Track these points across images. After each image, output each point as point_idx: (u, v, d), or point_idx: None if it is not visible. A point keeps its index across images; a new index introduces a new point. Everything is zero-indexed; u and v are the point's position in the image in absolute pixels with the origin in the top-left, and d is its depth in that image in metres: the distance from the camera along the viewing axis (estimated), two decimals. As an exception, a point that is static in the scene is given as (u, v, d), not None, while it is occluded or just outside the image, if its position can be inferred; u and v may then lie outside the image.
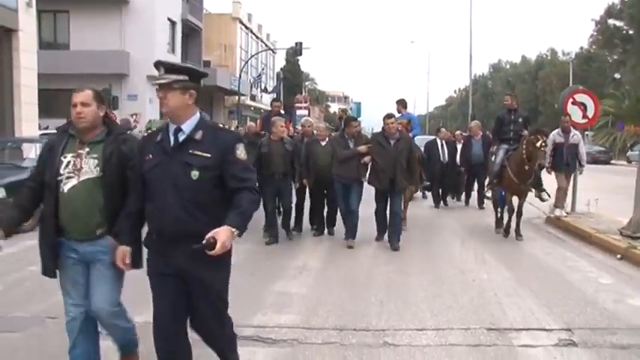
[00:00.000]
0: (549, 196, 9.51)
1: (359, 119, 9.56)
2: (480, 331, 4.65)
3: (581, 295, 5.75)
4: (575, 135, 10.43)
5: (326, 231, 9.03)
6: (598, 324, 4.84)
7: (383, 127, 8.18)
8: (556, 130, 10.59)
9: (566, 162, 10.30)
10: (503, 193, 9.48)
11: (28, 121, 17.21)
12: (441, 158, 12.91)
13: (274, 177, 8.17)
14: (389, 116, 8.16)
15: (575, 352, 4.24)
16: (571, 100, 10.47)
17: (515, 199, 8.87)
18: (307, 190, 8.94)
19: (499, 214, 9.49)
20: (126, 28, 26.84)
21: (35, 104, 17.82)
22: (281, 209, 9.03)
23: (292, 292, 5.76)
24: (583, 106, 10.45)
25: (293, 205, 8.81)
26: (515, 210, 8.77)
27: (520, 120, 9.41)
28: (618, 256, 7.40)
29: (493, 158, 9.58)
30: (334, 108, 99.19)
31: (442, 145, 13.16)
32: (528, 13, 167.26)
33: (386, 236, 8.27)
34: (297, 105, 25.82)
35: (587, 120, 10.62)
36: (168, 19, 29.21)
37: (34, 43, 18.09)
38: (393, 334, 4.53)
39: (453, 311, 5.17)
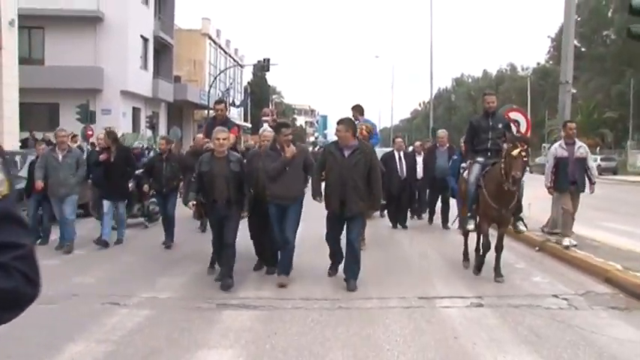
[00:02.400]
0: (526, 227, 7.70)
1: (322, 132, 9.28)
2: (412, 299, 6.06)
3: (504, 282, 7.21)
4: (582, 147, 8.73)
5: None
6: (503, 293, 6.31)
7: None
8: (557, 143, 9.04)
9: (572, 180, 8.56)
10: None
11: (10, 134, 18.10)
12: (399, 172, 11.50)
13: (217, 204, 6.60)
14: (339, 122, 6.60)
15: (480, 310, 5.68)
16: (506, 117, 12.00)
17: (485, 230, 7.21)
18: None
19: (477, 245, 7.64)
20: (100, 45, 27.69)
21: (17, 118, 18.77)
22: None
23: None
24: (517, 123, 11.97)
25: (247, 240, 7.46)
26: (494, 243, 7.00)
27: (500, 126, 7.44)
28: (536, 248, 8.92)
29: (465, 174, 7.69)
30: (301, 121, 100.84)
31: (400, 157, 11.71)
32: (490, 29, 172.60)
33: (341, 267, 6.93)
34: (263, 118, 26.94)
35: (520, 134, 12.15)
36: (141, 36, 30.20)
37: (16, 59, 19.04)
38: (346, 301, 5.89)
39: (394, 287, 6.56)
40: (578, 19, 58.61)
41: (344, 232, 6.72)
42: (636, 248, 8.37)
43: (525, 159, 6.60)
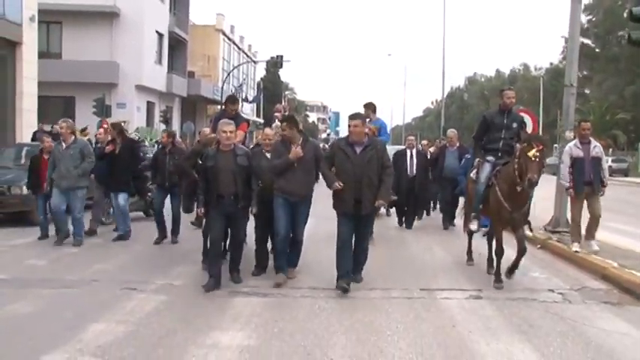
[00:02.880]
0: (531, 231, 7.81)
1: (335, 129, 8.48)
2: (414, 290, 6.36)
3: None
4: (597, 146, 8.45)
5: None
6: (501, 288, 6.58)
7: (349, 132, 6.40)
8: (572, 142, 8.72)
9: (588, 180, 8.28)
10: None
11: (29, 127, 18.57)
12: (408, 171, 11.31)
13: (223, 200, 6.32)
14: (353, 117, 6.39)
15: (478, 302, 5.98)
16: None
17: (499, 235, 6.86)
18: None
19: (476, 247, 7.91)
20: (116, 40, 28.20)
21: (35, 111, 19.27)
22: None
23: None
24: (524, 124, 12.21)
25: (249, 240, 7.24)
26: (517, 247, 6.63)
27: (514, 125, 7.10)
28: (538, 245, 9.18)
29: (473, 174, 7.44)
30: (313, 117, 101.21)
31: (411, 155, 11.49)
32: (503, 28, 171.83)
33: None
34: (275, 115, 27.19)
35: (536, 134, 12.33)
36: (156, 32, 30.69)
37: (35, 54, 19.51)
38: (351, 291, 6.20)
39: (398, 279, 6.86)
40: (593, 19, 58.61)
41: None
42: (636, 248, 8.60)
43: (536, 159, 6.15)
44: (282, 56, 38.36)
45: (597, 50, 58.48)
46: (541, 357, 4.46)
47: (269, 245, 7.27)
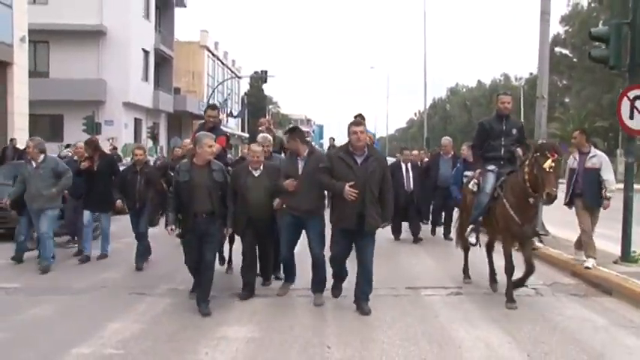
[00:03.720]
0: (542, 243, 7.95)
1: (318, 141, 7.92)
2: (401, 289, 6.93)
3: (479, 271, 8.09)
4: (595, 157, 7.79)
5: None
6: (481, 285, 7.18)
7: (349, 140, 5.85)
8: (575, 153, 8.14)
9: (577, 192, 7.83)
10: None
11: (21, 146, 18.94)
12: (405, 186, 10.78)
13: (198, 218, 5.87)
14: (356, 123, 5.88)
15: (459, 297, 6.59)
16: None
17: (509, 251, 6.41)
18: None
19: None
20: (103, 58, 28.63)
21: (27, 130, 19.62)
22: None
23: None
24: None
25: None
26: (525, 266, 6.31)
27: (514, 132, 6.77)
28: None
29: (472, 185, 6.96)
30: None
31: (407, 169, 10.94)
32: (485, 40, 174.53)
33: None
34: (259, 129, 27.40)
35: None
36: (142, 49, 31.18)
37: (26, 74, 19.93)
38: (343, 291, 6.73)
39: (386, 280, 7.42)
40: (569, 30, 60.20)
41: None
42: (604, 247, 9.23)
43: (552, 170, 5.68)
44: (266, 71, 39.29)
45: (575, 60, 59.89)
46: (512, 340, 5.07)
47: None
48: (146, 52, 31.92)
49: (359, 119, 6.18)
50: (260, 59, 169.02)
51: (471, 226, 6.76)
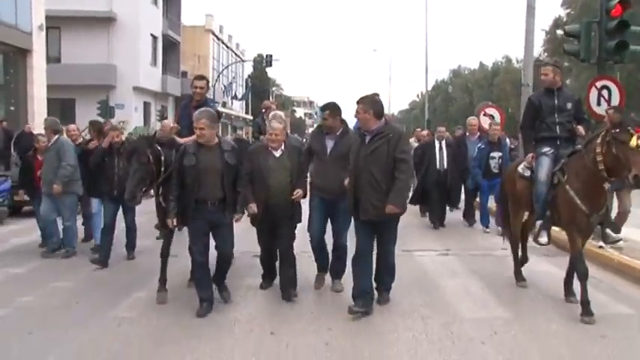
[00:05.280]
0: (619, 231, 7.22)
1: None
2: (396, 251, 7.97)
3: (467, 237, 9.20)
4: None
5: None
6: (466, 247, 8.29)
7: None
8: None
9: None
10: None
11: (40, 130, 19.99)
12: (438, 164, 10.18)
13: (206, 206, 5.28)
14: (358, 100, 5.37)
15: (446, 257, 7.70)
16: (483, 112, 13.87)
17: (579, 247, 5.43)
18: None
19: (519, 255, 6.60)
20: (113, 44, 29.56)
21: (45, 114, 20.59)
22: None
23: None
24: (491, 117, 13.86)
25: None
26: (574, 260, 5.49)
27: (569, 106, 5.86)
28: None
29: (521, 169, 6.07)
30: (300, 112, 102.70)
31: (440, 147, 10.31)
32: (487, 21, 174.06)
33: None
34: (269, 105, 28.02)
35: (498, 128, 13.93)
36: (151, 35, 32.11)
37: (44, 61, 20.91)
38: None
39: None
40: (571, 12, 60.79)
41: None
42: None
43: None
44: (271, 55, 40.13)
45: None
46: (486, 287, 6.19)
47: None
48: (155, 38, 32.84)
49: (362, 97, 5.38)
50: (263, 42, 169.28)
51: (538, 223, 5.77)
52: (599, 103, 8.80)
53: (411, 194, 9.12)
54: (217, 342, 4.65)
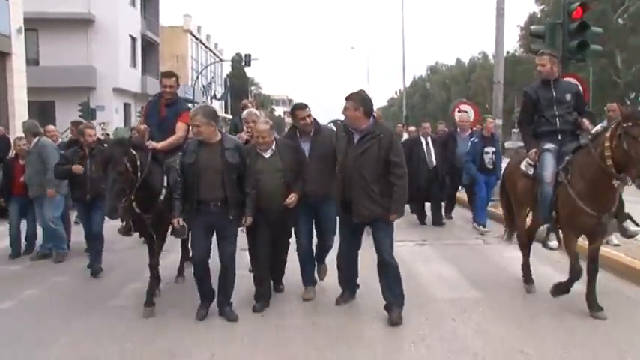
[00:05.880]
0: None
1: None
2: (376, 242, 8.49)
3: (445, 230, 9.70)
4: None
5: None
6: (442, 237, 8.81)
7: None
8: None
9: None
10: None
11: (21, 133, 20.13)
12: (427, 161, 9.96)
13: (208, 207, 5.06)
14: (347, 97, 5.11)
15: (423, 247, 8.20)
16: (457, 109, 14.40)
17: (573, 249, 5.26)
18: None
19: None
20: (92, 45, 29.57)
21: (26, 117, 20.69)
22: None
23: None
24: (467, 114, 14.41)
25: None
26: (587, 263, 5.16)
27: (568, 97, 5.54)
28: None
29: (525, 166, 5.66)
30: (279, 111, 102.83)
31: (427, 143, 10.13)
32: (464, 18, 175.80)
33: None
34: (246, 103, 28.20)
35: (469, 123, 14.50)
36: (130, 36, 32.18)
37: (24, 63, 21.00)
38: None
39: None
40: (545, 9, 62.10)
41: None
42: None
43: None
44: (249, 55, 40.46)
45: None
46: (459, 271, 6.71)
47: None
48: (133, 39, 32.91)
49: (351, 93, 5.13)
50: (240, 40, 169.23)
51: (546, 227, 5.40)
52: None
53: None
54: (210, 323, 5.09)
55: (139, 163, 5.08)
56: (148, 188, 5.20)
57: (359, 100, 5.04)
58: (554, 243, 5.33)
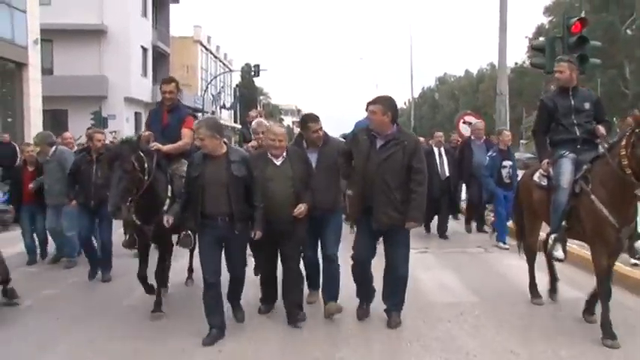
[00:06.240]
0: None
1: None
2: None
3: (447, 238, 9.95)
4: None
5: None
6: (444, 246, 9.05)
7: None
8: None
9: None
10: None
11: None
12: (440, 172, 9.79)
13: (216, 222, 4.85)
14: (373, 101, 5.13)
15: (424, 254, 8.42)
16: (462, 120, 14.62)
17: (605, 266, 4.87)
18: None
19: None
20: (104, 55, 30.16)
21: (40, 125, 21.24)
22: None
23: None
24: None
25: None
26: (598, 280, 4.85)
27: (587, 105, 5.32)
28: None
29: (538, 177, 5.51)
30: (288, 121, 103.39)
31: (440, 154, 10.03)
32: (473, 29, 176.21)
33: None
34: (252, 114, 28.35)
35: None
36: (141, 47, 32.78)
37: (39, 73, 21.52)
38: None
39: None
40: (553, 20, 62.37)
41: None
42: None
43: None
44: (258, 65, 40.81)
45: (557, 50, 61.72)
46: (460, 278, 6.94)
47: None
48: (144, 49, 33.49)
49: (378, 97, 5.20)
50: (250, 51, 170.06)
51: (553, 236, 5.20)
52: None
53: None
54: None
55: (146, 165, 5.08)
56: (151, 196, 5.17)
57: (388, 106, 5.02)
58: (560, 254, 5.16)
